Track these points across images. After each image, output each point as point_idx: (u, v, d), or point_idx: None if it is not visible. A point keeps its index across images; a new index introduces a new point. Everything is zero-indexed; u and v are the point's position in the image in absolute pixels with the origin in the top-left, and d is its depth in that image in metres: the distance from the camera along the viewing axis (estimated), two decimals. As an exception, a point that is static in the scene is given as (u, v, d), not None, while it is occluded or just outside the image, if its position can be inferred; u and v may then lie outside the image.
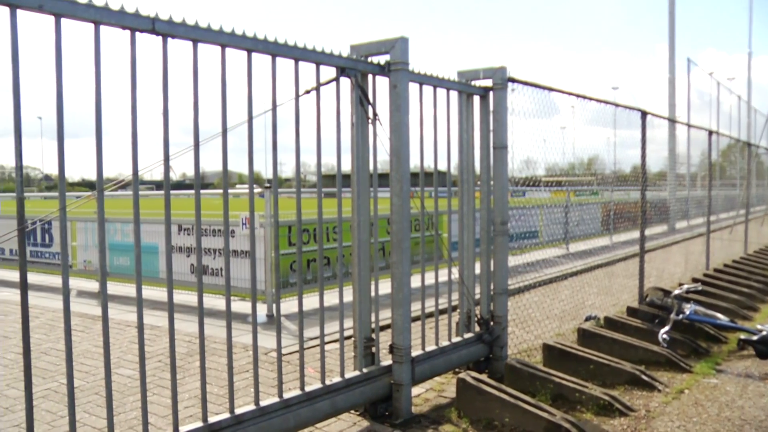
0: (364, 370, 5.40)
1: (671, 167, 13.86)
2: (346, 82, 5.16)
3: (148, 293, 9.70)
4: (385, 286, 5.70)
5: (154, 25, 3.78)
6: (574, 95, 7.56)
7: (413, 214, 5.55)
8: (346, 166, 5.24)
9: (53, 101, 3.43)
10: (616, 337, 7.27)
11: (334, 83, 5.02)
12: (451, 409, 5.59)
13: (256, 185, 5.73)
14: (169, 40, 3.90)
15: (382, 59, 5.33)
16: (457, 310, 6.58)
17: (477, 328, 6.64)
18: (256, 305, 4.59)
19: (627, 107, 8.89)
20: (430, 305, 6.15)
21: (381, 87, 5.40)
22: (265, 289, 9.33)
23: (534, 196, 9.02)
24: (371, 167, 5.42)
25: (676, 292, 8.23)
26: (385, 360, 5.60)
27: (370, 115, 5.31)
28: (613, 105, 8.60)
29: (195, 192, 4.26)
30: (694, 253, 13.13)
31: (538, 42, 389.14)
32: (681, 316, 7.82)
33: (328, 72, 4.99)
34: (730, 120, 43.98)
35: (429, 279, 6.04)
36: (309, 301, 5.05)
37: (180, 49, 4.01)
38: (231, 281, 4.54)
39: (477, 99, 6.57)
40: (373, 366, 5.50)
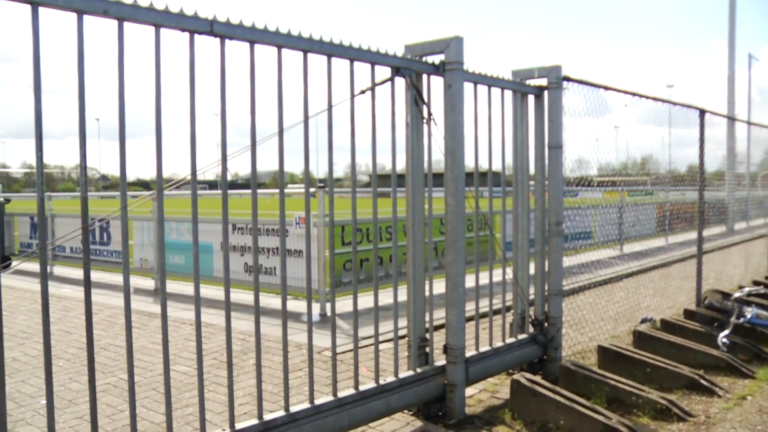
0: (418, 370, 5.39)
1: (730, 166, 13.50)
2: (400, 82, 5.17)
3: (203, 291, 9.79)
4: (438, 286, 5.68)
5: (212, 27, 3.83)
6: (630, 94, 7.44)
7: (467, 214, 5.52)
8: (400, 166, 5.24)
9: (110, 103, 3.50)
10: (674, 340, 7.11)
11: (388, 83, 5.02)
12: (505, 410, 5.54)
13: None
14: (226, 41, 3.95)
15: (436, 59, 5.32)
16: (511, 310, 6.52)
17: (531, 329, 6.58)
18: (312, 304, 4.62)
19: (685, 105, 8.70)
20: (483, 306, 6.11)
21: (435, 87, 5.39)
22: (318, 288, 9.39)
23: (586, 196, 8.88)
24: (425, 167, 5.41)
25: (737, 294, 8.02)
26: (439, 360, 5.59)
27: (425, 114, 5.30)
28: (671, 103, 8.43)
29: (252, 192, 4.30)
30: (754, 255, 12.77)
31: (590, 39, 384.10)
32: (742, 320, 7.62)
33: (383, 72, 5.00)
34: (792, 117, 42.70)
35: (482, 279, 5.99)
36: (361, 301, 5.06)
37: (236, 50, 4.05)
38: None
39: (531, 98, 6.51)
40: (427, 366, 5.49)
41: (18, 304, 10.37)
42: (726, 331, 7.28)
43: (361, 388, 4.93)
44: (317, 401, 4.61)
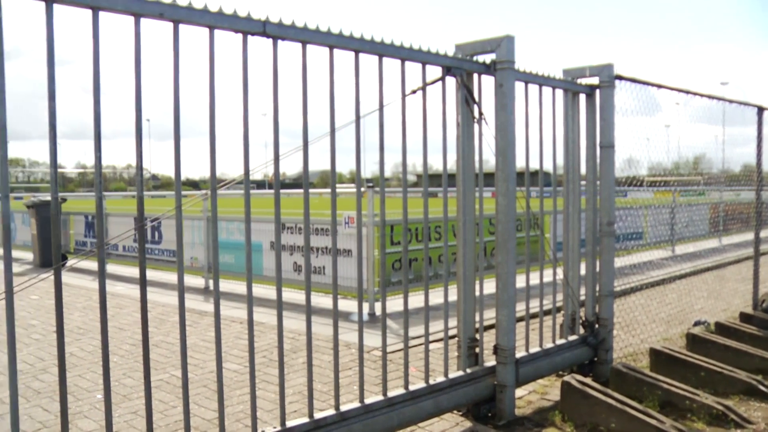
0: (468, 371, 5.37)
1: (789, 165, 13.14)
2: (451, 82, 5.14)
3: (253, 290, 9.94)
4: (488, 287, 5.65)
5: (265, 28, 3.86)
6: (683, 92, 7.28)
7: (518, 214, 5.48)
8: (451, 166, 5.23)
9: (160, 104, 3.57)
10: (729, 343, 6.94)
11: (439, 83, 5.01)
12: (555, 412, 5.49)
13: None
14: (279, 42, 3.98)
15: (487, 58, 5.28)
16: (561, 311, 6.45)
17: (581, 331, 6.50)
18: (362, 304, 4.64)
19: (742, 103, 8.50)
20: (533, 306, 6.06)
21: (486, 86, 5.36)
22: (367, 287, 9.42)
23: (636, 197, 8.75)
24: (476, 167, 5.39)
25: (796, 297, 7.82)
26: (489, 361, 5.55)
27: (476, 114, 5.27)
28: (726, 101, 8.24)
29: (304, 192, 4.33)
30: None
31: (640, 37, 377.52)
32: (802, 324, 7.43)
33: (434, 72, 4.99)
34: None
35: (533, 280, 5.94)
36: (410, 301, 5.06)
37: (287, 50, 4.08)
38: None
39: (583, 97, 6.43)
40: (477, 366, 5.47)
41: (74, 300, 10.61)
42: (785, 335, 7.10)
43: (411, 387, 4.93)
44: (367, 400, 4.62)
